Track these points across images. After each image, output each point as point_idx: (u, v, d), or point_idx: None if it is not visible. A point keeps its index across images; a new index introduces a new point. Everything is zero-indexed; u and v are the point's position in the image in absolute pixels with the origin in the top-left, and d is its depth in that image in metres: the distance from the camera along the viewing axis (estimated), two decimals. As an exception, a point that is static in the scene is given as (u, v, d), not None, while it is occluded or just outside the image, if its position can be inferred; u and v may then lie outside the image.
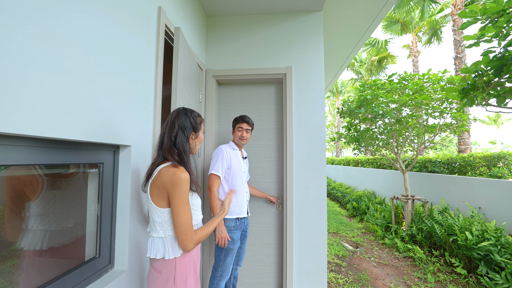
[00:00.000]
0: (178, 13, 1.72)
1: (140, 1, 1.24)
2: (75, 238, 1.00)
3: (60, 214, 0.93)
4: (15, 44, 0.63)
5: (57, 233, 0.92)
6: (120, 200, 1.15)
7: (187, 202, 0.94)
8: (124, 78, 1.11)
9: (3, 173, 0.74)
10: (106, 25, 0.98)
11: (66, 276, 0.90)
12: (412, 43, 9.18)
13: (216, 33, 2.39)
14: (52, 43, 0.74)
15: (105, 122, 0.98)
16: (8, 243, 0.76)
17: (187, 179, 0.95)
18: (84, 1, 0.87)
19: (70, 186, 0.99)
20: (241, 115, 1.90)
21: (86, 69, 0.88)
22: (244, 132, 1.85)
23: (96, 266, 1.04)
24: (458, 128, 3.60)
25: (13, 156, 0.71)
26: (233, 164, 1.79)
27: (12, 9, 0.62)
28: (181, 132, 1.02)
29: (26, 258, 0.80)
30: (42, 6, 0.71)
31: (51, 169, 0.90)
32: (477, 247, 2.68)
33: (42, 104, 0.71)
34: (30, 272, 0.81)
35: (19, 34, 0.64)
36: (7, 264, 0.75)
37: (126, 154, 1.17)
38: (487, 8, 1.51)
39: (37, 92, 0.69)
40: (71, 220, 0.98)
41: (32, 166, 0.81)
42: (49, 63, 0.73)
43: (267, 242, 2.30)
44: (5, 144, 0.68)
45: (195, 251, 1.06)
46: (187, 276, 1.00)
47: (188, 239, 0.93)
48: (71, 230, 0.98)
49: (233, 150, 1.87)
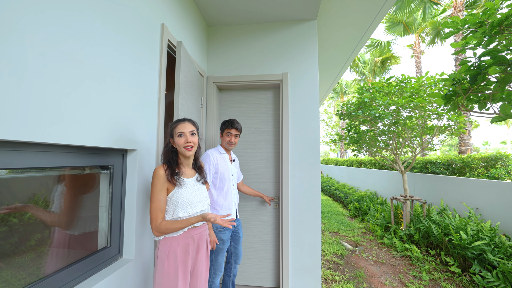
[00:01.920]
0: (180, 27, 1.87)
1: (145, 20, 1.40)
2: (90, 229, 1.15)
3: (78, 209, 1.08)
4: (48, 71, 0.79)
5: (77, 225, 1.08)
6: (128, 197, 1.30)
7: (157, 192, 1.15)
8: (131, 90, 1.26)
9: (41, 173, 0.89)
10: (115, 43, 1.14)
11: (82, 262, 1.05)
12: (415, 44, 9.17)
13: (217, 41, 2.54)
14: (73, 68, 0.90)
15: (115, 129, 1.13)
16: (41, 231, 0.91)
17: (159, 174, 1.16)
18: (98, 26, 1.02)
19: (86, 184, 1.14)
20: (230, 120, 1.90)
21: (99, 86, 1.03)
22: (232, 137, 1.88)
23: (107, 255, 1.20)
24: (455, 130, 3.66)
25: (45, 160, 0.87)
26: (220, 168, 1.83)
27: (48, 44, 0.78)
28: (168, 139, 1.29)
29: (54, 244, 0.96)
30: (67, 38, 0.87)
31: (72, 170, 1.05)
32: (471, 247, 2.74)
33: (66, 118, 0.86)
34: (57, 257, 0.96)
35: (50, 64, 0.80)
36: (39, 249, 0.90)
37: (133, 157, 1.33)
38: (466, 19, 1.61)
39: (61, 108, 0.85)
40: (86, 214, 1.14)
41: (61, 168, 0.97)
42: (71, 84, 0.89)
43: (265, 239, 2.43)
44: (41, 150, 0.84)
45: (175, 241, 1.16)
46: (164, 261, 1.13)
47: (152, 225, 1.13)
48: (86, 222, 1.14)
49: (220, 154, 1.89)
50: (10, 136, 0.69)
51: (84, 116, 0.95)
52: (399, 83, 3.80)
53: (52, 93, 0.81)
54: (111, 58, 1.11)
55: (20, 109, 0.72)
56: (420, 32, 9.02)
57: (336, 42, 3.35)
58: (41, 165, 0.87)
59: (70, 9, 0.89)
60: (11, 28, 0.69)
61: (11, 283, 0.80)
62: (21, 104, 0.72)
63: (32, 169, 0.88)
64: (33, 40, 0.75)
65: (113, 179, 1.24)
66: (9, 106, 0.68)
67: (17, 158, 0.79)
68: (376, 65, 11.20)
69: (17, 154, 0.79)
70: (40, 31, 0.78)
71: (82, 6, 0.95)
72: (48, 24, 0.80)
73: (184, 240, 1.19)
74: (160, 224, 1.12)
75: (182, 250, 1.17)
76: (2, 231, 0.80)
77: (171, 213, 1.17)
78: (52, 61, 0.82)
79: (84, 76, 0.95)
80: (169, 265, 1.13)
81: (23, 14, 0.73)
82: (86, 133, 0.96)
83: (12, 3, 0.69)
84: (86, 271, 1.07)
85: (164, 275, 1.11)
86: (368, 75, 12.53)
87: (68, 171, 1.05)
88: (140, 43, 1.34)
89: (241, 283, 2.40)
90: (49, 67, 0.81)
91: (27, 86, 0.74)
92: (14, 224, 0.84)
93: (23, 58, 0.72)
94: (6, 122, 0.68)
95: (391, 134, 3.95)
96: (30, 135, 0.74)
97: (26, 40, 0.73)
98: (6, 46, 0.68)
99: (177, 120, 1.28)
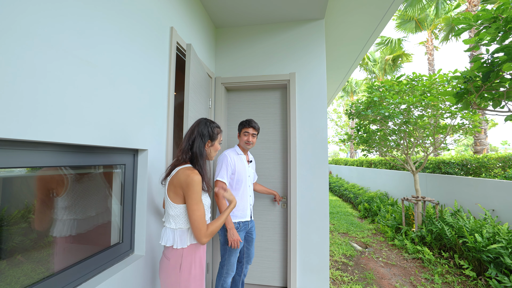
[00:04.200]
0: (189, 29, 1.91)
1: (155, 24, 1.44)
2: (104, 225, 1.20)
3: (93, 205, 1.13)
4: (65, 77, 0.83)
5: (91, 222, 1.13)
6: (139, 195, 1.34)
7: (199, 200, 1.08)
8: (142, 92, 1.30)
9: (57, 172, 0.95)
10: (126, 47, 1.18)
11: (97, 256, 1.10)
12: (428, 41, 8.92)
13: (225, 43, 2.57)
14: (88, 72, 0.94)
15: (127, 130, 1.18)
16: (60, 225, 0.96)
17: (199, 180, 1.09)
18: (111, 32, 1.07)
19: (100, 182, 1.19)
20: (248, 120, 1.93)
21: (112, 89, 1.08)
22: (250, 136, 1.89)
23: (119, 250, 1.24)
24: (470, 129, 3.54)
25: (64, 159, 0.91)
26: (238, 169, 1.83)
27: (64, 50, 0.82)
28: (199, 138, 1.18)
29: (71, 240, 1.01)
30: (82, 43, 0.91)
31: (87, 169, 1.10)
32: (486, 250, 2.65)
33: (85, 119, 0.91)
34: (73, 252, 1.01)
35: (66, 68, 0.84)
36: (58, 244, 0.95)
37: (144, 157, 1.37)
38: (479, 15, 1.57)
39: (81, 111, 0.89)
40: (100, 211, 1.19)
41: (78, 167, 1.02)
42: (86, 87, 0.93)
43: (272, 238, 2.44)
44: (60, 150, 0.89)
45: (201, 247, 1.20)
46: (191, 266, 1.14)
47: (202, 233, 1.07)
48: (100, 219, 1.19)
49: (238, 155, 1.90)
50: (31, 137, 0.74)
51: (99, 118, 0.99)
52: (410, 81, 3.72)
53: (70, 96, 0.86)
54: (123, 62, 1.16)
55: (44, 112, 0.76)
56: (433, 29, 8.76)
57: (345, 41, 3.32)
58: (58, 164, 0.92)
59: (84, 15, 0.94)
60: (34, 36, 0.74)
61: (31, 276, 0.85)
62: (44, 107, 0.77)
63: (50, 167, 0.93)
64: (53, 46, 0.80)
65: (125, 177, 1.29)
66: (39, 110, 0.73)
67: (36, 157, 0.84)
68: (387, 63, 10.96)
69: (36, 154, 0.84)
70: (58, 37, 0.82)
71: (96, 13, 0.99)
72: (64, 29, 0.85)
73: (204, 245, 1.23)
74: (207, 229, 1.11)
75: (203, 252, 1.22)
76: (22, 227, 0.85)
77: None
78: (68, 66, 0.86)
79: (98, 79, 1.00)
80: (196, 270, 1.15)
81: (43, 22, 0.77)
82: (101, 133, 1.00)
83: (34, 14, 0.74)
84: (100, 264, 1.12)
85: (191, 279, 1.13)
86: (378, 73, 12.29)
87: (85, 170, 1.09)
88: (150, 46, 1.38)
89: (249, 281, 2.42)
90: (66, 72, 0.85)
91: (48, 90, 0.78)
92: (34, 221, 0.89)
93: (46, 65, 0.77)
94: (32, 123, 0.73)
95: (402, 134, 3.87)
96: (50, 136, 0.79)
97: (46, 47, 0.78)
98: (28, 53, 0.72)
99: (219, 127, 1.28)
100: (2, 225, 0.79)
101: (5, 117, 0.67)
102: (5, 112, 0.67)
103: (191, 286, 1.13)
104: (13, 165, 0.77)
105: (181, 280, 1.12)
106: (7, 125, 0.67)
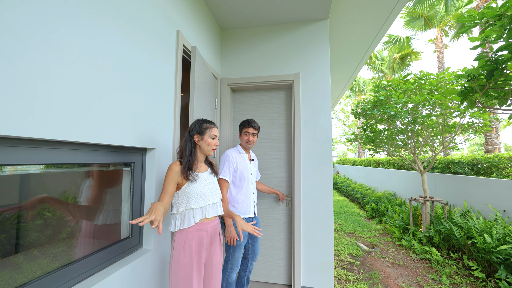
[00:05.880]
0: (195, 32, 1.97)
1: (162, 28, 1.50)
2: (114, 221, 1.27)
3: (104, 202, 1.20)
4: (82, 84, 0.89)
5: (102, 216, 1.19)
6: (147, 192, 1.40)
7: (166, 185, 1.20)
8: (150, 93, 1.37)
9: (75, 169, 1.01)
10: (135, 52, 1.24)
11: (108, 248, 1.16)
12: (437, 38, 8.73)
13: (230, 44, 2.62)
14: (100, 76, 1.01)
15: (136, 130, 1.24)
16: (76, 221, 1.03)
17: (172, 168, 1.23)
18: (121, 39, 1.13)
19: (110, 180, 1.26)
20: (248, 120, 1.96)
21: (123, 91, 1.14)
22: (250, 136, 1.94)
23: (129, 244, 1.30)
24: (480, 128, 3.47)
25: (77, 157, 0.98)
26: (240, 167, 1.89)
27: (84, 56, 0.89)
28: (188, 134, 1.34)
29: (83, 233, 1.07)
30: (96, 50, 0.97)
31: (99, 167, 1.17)
32: (496, 251, 2.60)
33: (102, 119, 0.97)
34: (86, 244, 1.08)
35: (85, 75, 0.91)
36: (71, 236, 1.02)
37: (151, 156, 1.43)
38: (484, 13, 1.56)
39: (99, 111, 0.96)
40: (111, 207, 1.25)
41: (91, 165, 1.08)
42: (100, 90, 1.00)
43: (277, 237, 2.47)
44: (74, 149, 0.95)
45: (190, 233, 1.24)
46: (180, 251, 1.21)
47: None
48: (111, 214, 1.25)
49: (240, 154, 1.95)
50: (52, 136, 0.80)
51: (112, 118, 1.06)
52: (417, 80, 3.67)
53: (88, 98, 0.92)
54: (132, 66, 1.22)
55: (63, 114, 0.83)
56: (443, 26, 8.57)
57: (349, 40, 3.31)
58: (75, 161, 0.98)
59: (96, 22, 1.00)
60: (53, 44, 0.80)
61: (46, 270, 0.91)
62: (66, 110, 0.83)
63: (66, 165, 0.99)
64: (71, 53, 0.86)
65: (133, 175, 1.35)
66: (60, 114, 0.80)
67: (54, 155, 0.90)
68: (395, 61, 10.79)
69: (53, 152, 0.90)
70: (70, 44, 0.89)
71: (109, 23, 1.05)
72: (79, 34, 0.91)
73: (199, 232, 1.26)
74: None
75: (197, 242, 1.25)
76: (38, 224, 0.90)
77: (184, 204, 1.25)
78: (85, 72, 0.92)
79: (110, 83, 1.06)
80: (185, 256, 1.21)
81: (60, 32, 0.84)
82: (113, 133, 1.07)
83: (51, 24, 0.81)
84: (111, 257, 1.18)
85: (180, 265, 1.20)
86: (386, 72, 12.10)
87: (96, 167, 1.16)
88: (157, 50, 1.44)
89: (254, 279, 2.46)
90: (84, 79, 0.92)
91: (69, 95, 0.85)
92: (49, 218, 0.95)
93: (64, 71, 0.83)
94: (52, 125, 0.79)
95: (409, 133, 3.82)
96: (67, 135, 0.85)
97: (64, 54, 0.84)
98: (49, 60, 0.79)
99: (211, 122, 1.38)
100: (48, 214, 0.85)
101: (51, 121, 0.73)
102: (49, 117, 0.73)
103: (180, 273, 1.19)
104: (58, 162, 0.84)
105: (171, 265, 1.22)
106: (53, 127, 0.74)
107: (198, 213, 1.26)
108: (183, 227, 1.24)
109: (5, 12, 0.68)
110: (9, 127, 0.69)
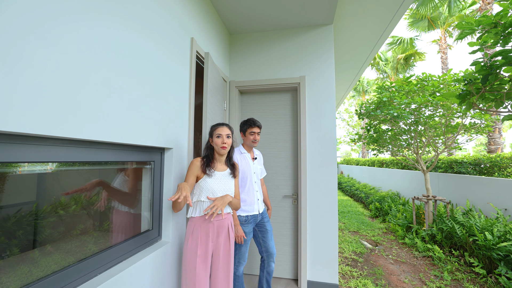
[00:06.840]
0: (207, 38, 2.09)
1: (178, 36, 1.62)
2: (136, 214, 1.39)
3: (129, 196, 1.32)
4: (109, 91, 1.02)
5: (126, 210, 1.31)
6: (166, 188, 1.52)
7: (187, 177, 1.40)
8: (167, 96, 1.49)
9: (104, 166, 1.14)
10: (154, 58, 1.36)
11: (131, 240, 1.28)
12: (441, 39, 8.75)
13: (238, 48, 2.74)
14: (126, 82, 1.13)
15: (156, 131, 1.36)
16: (105, 213, 1.15)
17: (194, 163, 1.42)
18: (141, 48, 1.25)
19: (133, 177, 1.38)
20: (251, 120, 1.96)
21: (144, 94, 1.26)
22: (256, 135, 1.96)
23: (149, 236, 1.42)
24: (482, 128, 3.54)
25: (111, 156, 1.10)
26: (242, 167, 1.92)
27: (109, 63, 1.01)
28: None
29: (110, 225, 1.20)
30: (120, 58, 1.10)
31: (124, 165, 1.29)
32: (497, 248, 2.67)
33: (129, 121, 1.09)
34: (112, 234, 1.20)
35: (115, 82, 1.03)
36: (103, 225, 1.14)
37: (169, 155, 1.55)
38: (480, 20, 1.65)
39: (121, 116, 1.08)
40: (134, 202, 1.37)
41: (118, 163, 1.21)
42: (125, 94, 1.12)
43: (284, 233, 2.57)
44: (104, 148, 1.08)
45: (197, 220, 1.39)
46: (189, 237, 1.37)
47: None
48: (133, 208, 1.37)
49: (241, 154, 1.97)
50: (88, 136, 0.92)
51: (136, 120, 1.18)
52: (420, 81, 3.75)
53: (116, 102, 1.04)
54: (152, 72, 1.34)
55: (97, 116, 0.95)
56: (446, 27, 8.59)
57: (354, 43, 3.41)
58: (105, 159, 1.11)
59: (122, 33, 1.12)
60: (91, 52, 0.93)
61: (61, 265, 0.95)
62: (97, 114, 0.95)
63: (96, 163, 1.11)
64: (101, 59, 0.98)
65: (153, 173, 1.47)
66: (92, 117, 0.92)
67: (85, 154, 1.03)
68: (399, 62, 10.82)
69: (84, 150, 1.02)
70: (108, 55, 1.01)
71: (134, 35, 1.18)
72: (110, 44, 1.03)
73: (205, 223, 1.40)
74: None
75: (203, 231, 1.39)
76: (51, 221, 0.93)
77: (197, 196, 1.42)
78: (115, 80, 1.05)
79: (134, 88, 1.18)
80: (192, 242, 1.37)
81: (96, 43, 0.96)
82: (137, 134, 1.19)
83: (77, 31, 0.93)
84: (134, 247, 1.30)
85: (187, 250, 1.36)
86: (390, 73, 12.13)
87: (121, 165, 1.28)
88: (173, 57, 1.56)
89: (261, 273, 2.56)
90: (114, 87, 1.04)
91: (103, 100, 0.97)
92: (62, 215, 0.97)
93: (97, 77, 0.96)
94: (88, 126, 0.91)
95: (412, 133, 3.90)
96: (101, 135, 0.98)
97: (99, 61, 0.96)
98: (80, 67, 0.91)
99: (217, 124, 1.55)
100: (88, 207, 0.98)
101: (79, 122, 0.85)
102: (79, 118, 0.85)
103: (187, 256, 1.35)
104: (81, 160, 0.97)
105: (184, 247, 1.37)
106: (82, 128, 0.86)
107: (206, 206, 1.40)
108: (194, 215, 1.40)
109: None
110: (54, 129, 0.81)
